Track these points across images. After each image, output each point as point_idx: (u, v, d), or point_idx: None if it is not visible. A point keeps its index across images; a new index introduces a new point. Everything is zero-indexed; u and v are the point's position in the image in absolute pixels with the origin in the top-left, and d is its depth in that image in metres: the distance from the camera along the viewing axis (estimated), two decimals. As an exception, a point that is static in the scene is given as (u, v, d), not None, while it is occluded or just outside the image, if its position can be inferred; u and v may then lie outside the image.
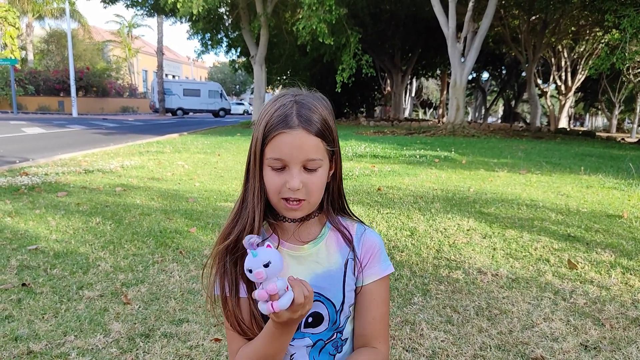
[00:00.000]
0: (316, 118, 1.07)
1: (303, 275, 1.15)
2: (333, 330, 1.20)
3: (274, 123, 1.05)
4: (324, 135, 1.08)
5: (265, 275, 0.92)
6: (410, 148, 11.46)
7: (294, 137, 1.04)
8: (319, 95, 1.15)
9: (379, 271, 1.21)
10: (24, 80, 32.17)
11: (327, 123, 1.09)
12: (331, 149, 1.11)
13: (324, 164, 1.10)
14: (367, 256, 1.21)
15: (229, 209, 4.78)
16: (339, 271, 1.18)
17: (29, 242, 3.60)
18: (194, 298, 2.69)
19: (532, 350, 2.19)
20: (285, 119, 1.04)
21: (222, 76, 66.66)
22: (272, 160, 1.06)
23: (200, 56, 25.16)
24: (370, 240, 1.22)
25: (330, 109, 1.14)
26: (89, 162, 8.09)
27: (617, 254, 3.61)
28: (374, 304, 1.21)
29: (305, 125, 1.05)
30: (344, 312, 1.20)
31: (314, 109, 1.08)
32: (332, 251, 1.19)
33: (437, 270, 3.23)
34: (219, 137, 14.15)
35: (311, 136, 1.05)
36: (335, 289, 1.17)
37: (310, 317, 1.17)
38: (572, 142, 16.32)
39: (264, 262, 0.92)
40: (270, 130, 1.05)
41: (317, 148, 1.07)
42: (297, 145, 1.04)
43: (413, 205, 5.12)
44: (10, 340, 2.16)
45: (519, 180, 7.06)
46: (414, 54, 29.90)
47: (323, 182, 1.12)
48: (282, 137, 1.04)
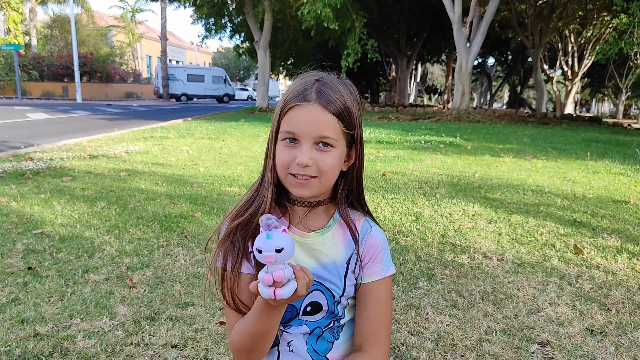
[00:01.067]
0: (336, 97, 1.04)
1: (306, 262, 1.14)
2: (330, 318, 1.19)
3: (292, 97, 1.03)
4: (341, 116, 1.04)
5: (275, 260, 0.88)
6: (415, 134, 11.42)
7: (309, 111, 1.01)
8: (347, 82, 1.12)
9: (380, 271, 1.18)
10: (28, 65, 32.10)
11: (347, 106, 1.06)
12: (349, 131, 1.07)
13: (339, 145, 1.06)
14: (368, 255, 1.18)
15: (234, 194, 4.79)
16: (342, 264, 1.16)
17: (34, 226, 3.60)
18: (199, 282, 2.69)
19: (538, 334, 2.18)
20: (303, 93, 1.03)
21: (226, 61, 66.39)
22: (285, 134, 1.04)
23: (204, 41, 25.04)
24: (374, 240, 1.19)
25: (355, 95, 1.10)
26: (94, 147, 8.09)
27: (623, 239, 3.59)
28: (372, 303, 1.18)
29: (322, 102, 1.02)
30: (342, 303, 1.19)
31: (336, 90, 1.05)
32: (337, 243, 1.17)
33: (442, 254, 3.23)
34: (223, 123, 14.13)
35: (327, 113, 1.02)
36: (336, 280, 1.16)
37: (309, 306, 1.16)
38: (578, 128, 16.21)
39: (277, 247, 0.88)
40: (287, 103, 1.04)
41: (332, 127, 1.03)
42: (311, 120, 1.01)
43: (418, 190, 5.11)
44: (16, 323, 2.17)
45: (525, 165, 7.02)
46: (419, 38, 29.64)
47: (336, 163, 1.06)
48: (297, 109, 1.02)
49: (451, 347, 2.07)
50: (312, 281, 0.98)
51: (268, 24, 20.73)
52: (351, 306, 1.23)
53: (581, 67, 28.12)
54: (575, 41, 27.15)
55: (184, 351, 1.99)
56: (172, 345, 2.03)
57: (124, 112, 20.32)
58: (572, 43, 27.09)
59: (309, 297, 1.15)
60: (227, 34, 26.45)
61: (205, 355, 1.96)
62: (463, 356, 2.00)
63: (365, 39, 18.03)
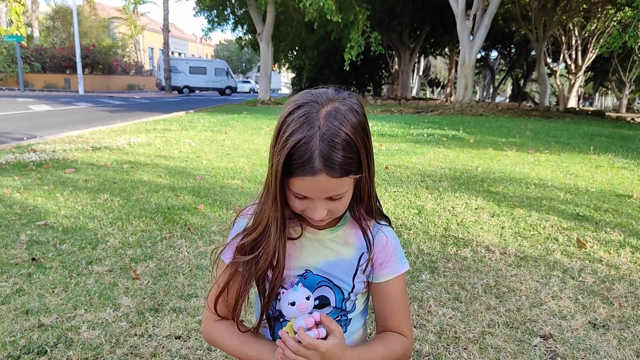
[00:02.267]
0: (342, 155, 0.98)
1: (316, 259, 1.16)
2: (337, 313, 1.20)
3: (297, 164, 0.97)
4: (348, 171, 1.00)
5: (307, 307, 1.01)
6: (418, 127, 11.39)
7: (317, 182, 0.98)
8: (353, 105, 1.04)
9: (395, 270, 1.20)
10: (30, 57, 32.05)
11: (355, 153, 1.00)
12: (357, 176, 1.04)
13: (350, 189, 1.06)
14: (381, 257, 1.19)
15: (236, 187, 4.78)
16: (351, 262, 1.17)
17: (38, 217, 3.61)
18: (202, 274, 2.70)
19: (541, 327, 2.19)
20: (308, 164, 0.96)
21: (228, 54, 66.18)
22: (295, 193, 1.02)
23: (208, 34, 24.95)
24: (385, 241, 1.20)
25: (361, 121, 1.03)
26: (96, 139, 8.10)
27: (626, 233, 3.59)
28: (392, 299, 1.21)
29: (329, 170, 0.97)
30: (351, 299, 1.20)
31: (339, 142, 0.97)
32: (348, 242, 1.18)
33: (445, 248, 3.23)
34: (225, 115, 14.11)
35: (335, 179, 0.99)
36: (345, 277, 1.17)
37: (316, 299, 1.16)
38: (581, 121, 16.16)
39: (306, 296, 1.02)
40: (292, 171, 0.98)
41: (342, 185, 1.02)
42: (320, 188, 1.00)
43: (421, 183, 5.10)
44: (21, 314, 2.18)
45: (528, 159, 7.01)
46: (423, 31, 29.52)
47: (347, 202, 1.08)
48: (304, 181, 0.98)
49: (454, 339, 2.08)
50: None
51: (271, 16, 20.65)
52: (359, 301, 1.24)
53: (585, 61, 27.96)
54: (579, 34, 27.00)
55: (188, 342, 2.00)
56: (176, 337, 2.04)
57: (126, 104, 20.30)
58: (575, 36, 26.93)
59: (317, 292, 1.16)
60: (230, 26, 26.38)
61: (209, 346, 1.97)
62: (466, 349, 2.01)
63: (369, 31, 17.95)
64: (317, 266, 1.16)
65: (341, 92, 1.06)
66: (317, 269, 1.16)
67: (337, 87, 1.08)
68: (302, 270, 1.16)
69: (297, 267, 1.16)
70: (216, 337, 1.22)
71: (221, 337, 1.21)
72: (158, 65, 38.80)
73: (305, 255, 1.16)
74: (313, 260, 1.16)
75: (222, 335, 1.20)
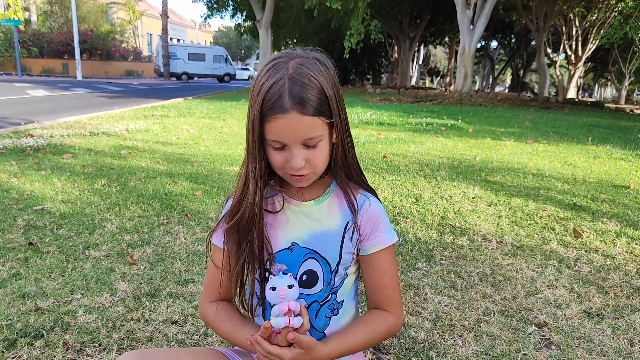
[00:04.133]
0: (310, 94, 1.01)
1: (302, 231, 1.18)
2: (328, 291, 1.20)
3: (268, 106, 1.01)
4: (320, 112, 1.03)
5: (287, 294, 1.05)
6: (417, 116, 11.37)
7: (289, 120, 1.01)
8: (317, 58, 1.08)
9: (384, 241, 1.21)
10: (28, 42, 31.83)
11: (324, 95, 1.04)
12: (329, 121, 1.07)
13: (325, 137, 1.08)
14: (369, 226, 1.20)
15: (234, 173, 4.78)
16: (337, 232, 1.18)
17: (35, 202, 3.61)
18: (200, 260, 2.70)
19: (536, 316, 2.20)
20: (278, 101, 1.00)
21: (227, 41, 65.81)
22: (272, 142, 1.05)
23: (207, 20, 24.80)
24: (373, 210, 1.21)
25: (330, 73, 1.07)
26: (94, 125, 8.07)
27: (622, 223, 3.60)
28: (380, 272, 1.22)
29: (299, 107, 1.00)
30: (339, 273, 1.20)
31: (308, 84, 1.02)
32: (333, 212, 1.19)
33: (441, 236, 3.24)
34: (223, 102, 14.06)
35: (306, 117, 1.01)
36: (332, 249, 1.18)
37: (304, 274, 1.18)
38: (580, 112, 16.15)
39: (289, 284, 1.06)
40: (265, 113, 1.02)
41: (314, 126, 1.04)
42: (293, 127, 1.02)
43: (419, 172, 5.10)
44: (18, 297, 2.18)
45: (526, 149, 7.01)
46: (423, 20, 29.37)
47: (326, 154, 1.11)
48: (277, 120, 1.01)
49: (449, 327, 2.09)
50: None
51: (270, 2, 20.51)
52: (349, 279, 1.24)
53: (585, 52, 27.86)
54: (580, 25, 26.86)
55: (184, 327, 2.01)
56: (172, 322, 2.04)
57: (124, 90, 20.22)
58: (576, 27, 26.80)
59: (304, 265, 1.18)
60: (229, 12, 26.22)
61: (205, 331, 1.98)
62: (461, 336, 2.02)
63: (369, 19, 17.87)
64: (304, 238, 1.18)
65: (311, 50, 1.11)
66: (303, 240, 1.18)
67: (306, 48, 1.12)
68: (288, 244, 1.18)
69: (283, 240, 1.18)
70: (209, 319, 1.25)
71: (214, 320, 1.24)
72: (156, 52, 38.63)
73: (291, 228, 1.18)
74: (299, 233, 1.18)
75: (215, 319, 1.24)
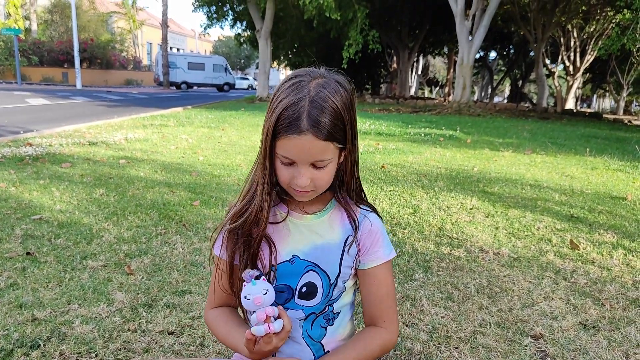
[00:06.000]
0: (328, 119, 1.04)
1: (302, 243, 1.20)
2: (325, 303, 1.22)
3: (285, 124, 1.03)
4: (334, 137, 1.06)
5: (263, 301, 1.05)
6: (415, 126, 11.41)
7: (303, 142, 1.03)
8: (339, 81, 1.11)
9: (382, 256, 1.24)
10: (28, 50, 31.92)
11: (341, 122, 1.07)
12: (341, 146, 1.10)
13: (334, 160, 1.11)
14: (368, 241, 1.23)
15: (233, 184, 4.79)
16: (338, 246, 1.21)
17: (33, 211, 3.61)
18: (197, 270, 2.70)
19: (532, 328, 2.20)
20: (296, 122, 1.02)
21: (226, 50, 66.08)
22: (282, 157, 1.07)
23: (206, 30, 24.91)
24: (371, 226, 1.24)
25: (349, 98, 1.11)
26: (93, 134, 8.08)
27: (619, 235, 3.61)
28: (378, 286, 1.24)
29: (315, 131, 1.02)
30: (338, 286, 1.23)
31: (328, 109, 1.04)
32: (334, 226, 1.22)
33: (438, 247, 3.24)
34: (223, 112, 14.10)
35: (320, 141, 1.04)
36: (332, 262, 1.20)
37: (304, 286, 1.20)
38: (578, 123, 16.21)
39: (263, 290, 1.06)
40: (280, 130, 1.04)
41: (326, 150, 1.06)
42: (306, 149, 1.04)
43: (416, 183, 5.12)
44: (15, 307, 2.18)
45: (524, 160, 7.04)
46: (422, 30, 29.52)
47: (331, 175, 1.13)
48: (291, 140, 1.03)
49: (445, 338, 2.09)
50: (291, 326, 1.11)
51: (270, 12, 20.64)
52: (347, 292, 1.27)
53: (583, 63, 28.02)
54: (578, 36, 27.05)
55: (181, 338, 2.01)
56: (169, 332, 2.04)
57: (123, 99, 20.26)
58: (574, 38, 26.97)
59: (304, 277, 1.20)
60: (229, 22, 26.36)
61: (202, 342, 1.98)
62: (457, 348, 2.02)
63: (367, 29, 17.96)
64: (304, 250, 1.20)
65: (333, 72, 1.14)
66: (304, 253, 1.20)
67: (329, 68, 1.15)
68: (289, 256, 1.20)
69: (285, 252, 1.20)
70: (209, 322, 1.30)
71: (212, 324, 1.29)
72: (156, 61, 38.76)
73: (292, 240, 1.21)
74: (300, 245, 1.20)
75: (213, 324, 1.28)
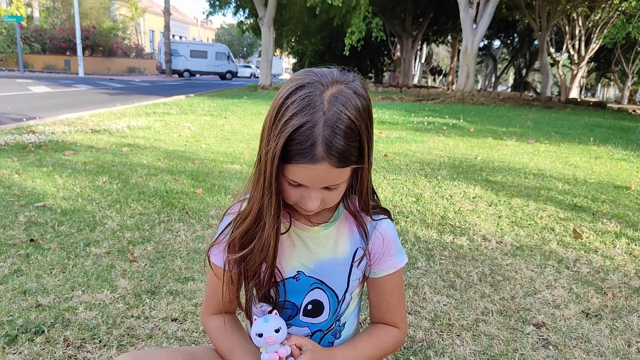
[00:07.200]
0: (346, 144, 0.89)
1: (308, 259, 1.10)
2: (333, 320, 1.16)
3: (297, 150, 0.88)
4: (351, 161, 0.92)
5: (275, 340, 0.99)
6: (419, 115, 11.37)
7: (317, 171, 0.90)
8: (355, 88, 0.94)
9: (394, 264, 1.15)
10: (30, 38, 31.82)
11: (358, 142, 0.92)
12: (357, 166, 0.96)
13: (347, 179, 0.99)
14: (379, 251, 1.13)
15: (235, 171, 4.78)
16: (346, 260, 1.11)
17: (36, 199, 3.62)
18: (200, 257, 2.71)
19: (534, 316, 2.21)
20: (311, 150, 0.88)
21: (229, 38, 65.80)
22: (290, 180, 0.94)
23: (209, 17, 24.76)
24: (383, 237, 1.13)
25: (365, 105, 0.94)
26: (96, 121, 8.08)
27: (622, 224, 3.61)
28: (389, 292, 1.17)
29: (331, 159, 0.88)
30: (346, 300, 1.16)
31: (346, 130, 0.89)
32: (342, 237, 1.11)
33: (441, 236, 3.24)
34: (225, 100, 14.07)
35: (336, 169, 0.91)
36: (339, 278, 1.12)
37: (309, 304, 1.12)
38: (582, 112, 16.13)
39: (275, 328, 1.00)
40: (290, 156, 0.90)
41: (342, 174, 0.94)
42: (320, 177, 0.92)
43: (419, 171, 5.11)
44: (19, 294, 2.20)
45: (527, 149, 7.01)
46: (425, 18, 29.31)
47: (342, 192, 1.02)
48: (303, 168, 0.90)
49: (447, 326, 2.10)
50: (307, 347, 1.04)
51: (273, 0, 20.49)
52: (353, 300, 1.20)
53: (588, 51, 27.78)
54: (583, 24, 26.78)
55: (184, 325, 2.02)
56: (172, 319, 2.05)
57: (126, 87, 20.22)
58: (579, 26, 26.72)
59: (310, 295, 1.12)
60: (232, 9, 26.21)
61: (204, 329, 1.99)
62: (459, 335, 2.03)
63: (370, 17, 17.83)
64: (310, 267, 1.10)
65: (346, 74, 0.97)
66: (309, 269, 1.11)
67: (341, 69, 0.99)
68: (294, 272, 1.10)
69: (289, 268, 1.10)
70: (208, 332, 1.22)
71: (212, 335, 1.20)
72: (159, 49, 38.60)
73: (297, 255, 1.10)
74: (305, 261, 1.10)
75: (213, 335, 1.19)
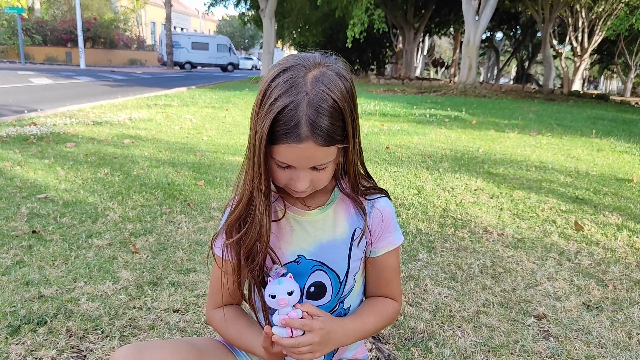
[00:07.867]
0: (329, 122, 0.92)
1: (307, 242, 1.12)
2: (336, 301, 1.17)
3: (282, 130, 0.91)
4: (335, 140, 0.95)
5: (287, 302, 0.99)
6: (420, 107, 11.35)
7: (302, 150, 0.92)
8: (337, 71, 0.97)
9: (393, 241, 1.17)
10: (31, 29, 31.77)
11: (342, 121, 0.95)
12: (343, 146, 0.98)
13: (335, 158, 1.01)
14: (379, 227, 1.14)
15: (237, 163, 4.79)
16: (345, 241, 1.13)
17: (38, 190, 3.63)
18: (201, 249, 2.72)
19: (535, 308, 2.21)
20: (295, 129, 0.90)
21: (231, 30, 65.60)
22: (278, 162, 0.97)
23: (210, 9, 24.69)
24: (382, 211, 1.14)
25: (347, 87, 0.96)
26: (97, 113, 8.08)
27: (624, 217, 3.60)
28: (387, 270, 1.19)
29: (315, 138, 0.91)
30: (349, 282, 1.17)
31: (328, 109, 0.91)
32: (340, 219, 1.13)
33: (442, 228, 3.24)
34: (227, 92, 14.05)
35: (321, 147, 0.93)
36: (340, 259, 1.13)
37: (312, 286, 1.13)
38: (585, 105, 16.08)
39: (288, 291, 0.99)
40: (276, 137, 0.92)
41: (328, 154, 0.96)
42: (306, 156, 0.94)
43: (421, 164, 5.10)
44: (21, 285, 2.21)
45: (529, 141, 7.00)
46: (428, 10, 29.13)
47: (332, 172, 1.04)
48: (289, 148, 0.92)
49: (448, 318, 2.10)
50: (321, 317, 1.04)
51: (274, -9, 20.40)
52: (357, 284, 1.21)
53: (591, 43, 27.62)
54: (586, 16, 26.62)
55: (186, 316, 2.02)
56: (174, 310, 2.06)
57: (127, 79, 20.19)
58: (582, 18, 26.56)
59: (312, 277, 1.13)
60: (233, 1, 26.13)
61: (206, 319, 2.00)
62: (460, 327, 2.03)
63: (373, 8, 17.74)
64: (310, 250, 1.12)
65: (328, 57, 1.00)
66: (309, 252, 1.12)
67: (323, 52, 1.02)
68: (294, 256, 1.12)
69: (289, 252, 1.12)
70: (216, 325, 1.22)
71: (218, 325, 1.20)
72: (160, 40, 38.52)
73: (296, 239, 1.12)
74: (305, 244, 1.12)
75: (220, 324, 1.20)
